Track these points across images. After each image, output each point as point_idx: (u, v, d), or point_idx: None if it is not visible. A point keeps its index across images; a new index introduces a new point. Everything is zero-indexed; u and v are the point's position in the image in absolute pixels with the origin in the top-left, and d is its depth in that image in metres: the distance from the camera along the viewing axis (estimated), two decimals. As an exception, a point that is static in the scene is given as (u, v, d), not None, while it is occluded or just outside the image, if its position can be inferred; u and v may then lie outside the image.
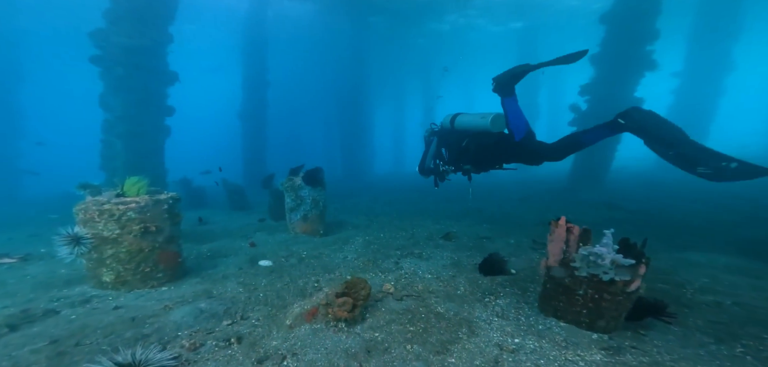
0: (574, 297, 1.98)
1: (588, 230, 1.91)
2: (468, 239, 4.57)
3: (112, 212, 2.71)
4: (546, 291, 2.23)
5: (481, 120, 3.82)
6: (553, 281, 2.12)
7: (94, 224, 2.72)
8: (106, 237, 2.77)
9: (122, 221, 2.76)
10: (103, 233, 2.75)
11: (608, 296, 1.83)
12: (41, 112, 42.19)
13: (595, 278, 1.84)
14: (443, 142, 4.45)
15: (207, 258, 4.17)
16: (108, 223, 2.73)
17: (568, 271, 1.99)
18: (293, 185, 5.34)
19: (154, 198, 2.96)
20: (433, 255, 3.87)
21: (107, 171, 8.38)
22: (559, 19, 19.00)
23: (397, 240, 4.72)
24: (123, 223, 2.77)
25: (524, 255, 3.71)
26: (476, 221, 5.94)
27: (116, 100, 7.68)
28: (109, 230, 2.75)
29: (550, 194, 8.92)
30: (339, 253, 4.23)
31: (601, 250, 1.77)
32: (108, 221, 2.73)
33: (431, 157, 4.56)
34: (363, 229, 5.68)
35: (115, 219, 2.73)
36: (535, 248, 3.94)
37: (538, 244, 4.02)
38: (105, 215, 2.71)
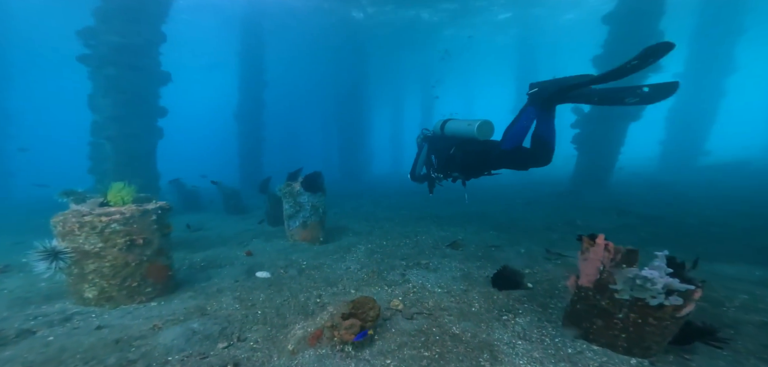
0: (612, 320, 1.79)
1: (634, 251, 1.72)
2: (476, 247, 4.38)
3: (94, 225, 2.48)
4: (575, 311, 2.04)
5: (468, 127, 3.75)
6: (586, 301, 1.93)
7: (74, 237, 2.48)
8: (87, 251, 2.53)
9: (105, 234, 2.53)
10: (84, 246, 2.51)
11: (654, 320, 1.65)
12: (30, 113, 41.46)
13: (640, 302, 1.66)
14: (433, 148, 4.37)
15: (200, 269, 3.94)
16: (89, 236, 2.49)
17: (607, 293, 1.80)
18: (291, 190, 5.12)
19: (141, 208, 2.73)
20: (441, 266, 3.67)
21: (96, 174, 8.09)
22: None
23: (402, 249, 4.52)
24: (106, 236, 2.54)
25: (538, 266, 3.53)
26: (482, 227, 5.76)
27: (105, 100, 7.40)
28: (90, 244, 2.52)
29: (555, 198, 8.78)
30: (341, 263, 4.02)
31: (652, 273, 1.59)
32: (89, 234, 2.49)
33: (422, 164, 4.53)
34: (365, 236, 5.47)
35: (97, 232, 2.50)
36: (550, 258, 3.76)
37: (552, 254, 3.84)
38: (86, 228, 2.48)
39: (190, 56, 24.30)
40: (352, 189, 14.46)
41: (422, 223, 6.31)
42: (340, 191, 12.92)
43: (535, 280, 3.11)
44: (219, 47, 22.42)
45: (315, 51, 22.42)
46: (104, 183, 7.86)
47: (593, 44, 10.23)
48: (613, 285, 1.74)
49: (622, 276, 1.69)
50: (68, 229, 2.46)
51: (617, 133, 9.28)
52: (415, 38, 20.51)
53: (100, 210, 2.66)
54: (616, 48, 9.07)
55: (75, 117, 18.92)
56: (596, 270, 1.81)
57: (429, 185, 4.48)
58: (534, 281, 3.09)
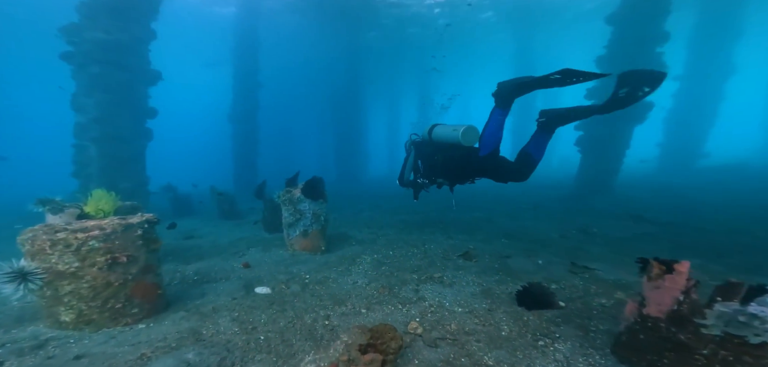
0: (692, 356, 1.55)
1: (739, 285, 1.48)
2: (490, 258, 4.14)
3: (69, 242, 2.16)
4: (635, 341, 1.80)
5: (453, 132, 3.78)
6: (654, 332, 1.69)
7: (46, 257, 2.16)
8: (62, 271, 2.22)
9: (82, 252, 2.22)
10: (58, 266, 2.20)
11: (750, 359, 1.43)
12: (10, 114, 40.25)
13: (736, 339, 1.43)
14: (420, 153, 4.38)
15: (193, 283, 3.62)
16: (64, 255, 2.18)
17: (688, 326, 1.56)
18: (291, 197, 4.82)
19: (124, 222, 2.42)
20: (457, 280, 3.42)
21: (80, 178, 7.66)
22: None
23: (411, 260, 4.26)
24: (83, 254, 2.22)
25: (564, 281, 3.29)
26: (491, 234, 5.54)
27: (90, 100, 7.01)
28: (65, 263, 2.20)
29: (560, 202, 8.63)
30: (346, 276, 3.74)
31: (763, 311, 1.35)
32: (63, 253, 2.18)
33: (410, 169, 4.54)
34: (369, 245, 5.20)
35: (72, 250, 2.18)
36: (576, 272, 3.53)
37: (577, 268, 3.60)
38: (59, 246, 2.16)
39: (183, 55, 23.81)
40: (350, 192, 14.16)
41: (427, 230, 6.06)
42: (337, 194, 12.57)
43: (566, 297, 2.88)
44: (212, 46, 21.98)
45: (310, 51, 22.17)
46: (88, 188, 7.48)
47: (595, 44, 10.12)
48: (701, 320, 1.50)
49: (715, 311, 1.46)
50: (38, 247, 2.14)
51: (622, 135, 9.18)
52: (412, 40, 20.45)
53: (76, 225, 2.35)
54: (620, 49, 8.98)
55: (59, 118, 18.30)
56: (672, 300, 1.58)
57: (414, 190, 4.51)
58: (564, 298, 2.86)
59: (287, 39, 20.11)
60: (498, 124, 3.40)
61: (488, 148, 3.45)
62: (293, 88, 27.82)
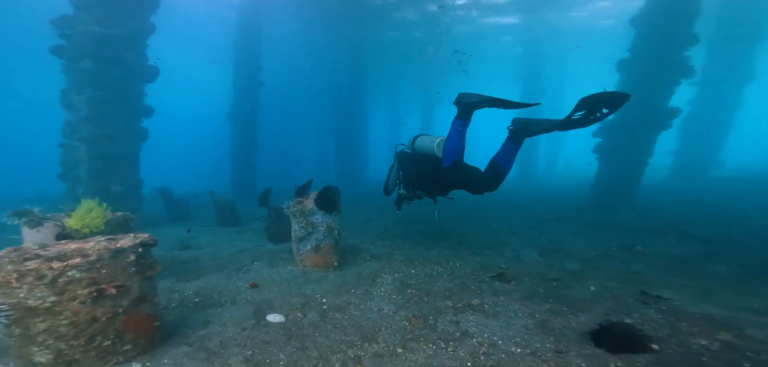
0: None
1: None
2: (530, 280, 3.73)
3: (41, 273, 1.74)
4: None
5: (430, 144, 3.89)
6: None
7: (12, 291, 1.74)
8: (33, 307, 1.79)
9: (59, 285, 1.80)
10: (28, 302, 1.77)
11: None
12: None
13: None
14: (401, 165, 4.47)
15: (195, 308, 3.19)
16: (35, 288, 1.76)
17: None
18: (303, 209, 4.41)
19: (113, 246, 2.00)
20: (500, 309, 3.01)
21: (68, 180, 7.22)
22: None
23: (438, 281, 3.85)
24: (61, 287, 1.80)
25: (637, 313, 2.86)
26: (521, 251, 5.13)
27: (80, 97, 6.59)
28: (37, 298, 1.78)
29: (582, 213, 8.26)
30: (369, 301, 3.33)
31: None
32: (34, 286, 1.75)
33: (393, 180, 4.62)
34: (386, 260, 4.78)
35: (46, 283, 1.76)
36: (647, 303, 3.09)
37: (650, 297, 3.18)
38: (29, 278, 1.74)
39: (179, 51, 23.43)
40: (353, 197, 13.73)
41: (446, 244, 5.66)
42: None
43: (654, 337, 2.44)
44: (213, 42, 21.63)
45: (310, 50, 21.89)
46: (75, 191, 7.03)
47: (622, 49, 9.81)
48: None
49: None
50: (2, 280, 1.72)
51: (645, 142, 8.85)
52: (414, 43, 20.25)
53: (52, 250, 1.92)
54: (645, 52, 8.69)
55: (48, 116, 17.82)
56: None
57: (396, 201, 4.57)
58: (651, 338, 2.42)
59: (287, 38, 19.84)
60: (459, 134, 3.50)
61: (450, 159, 3.58)
62: (292, 89, 27.47)
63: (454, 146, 3.53)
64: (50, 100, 23.75)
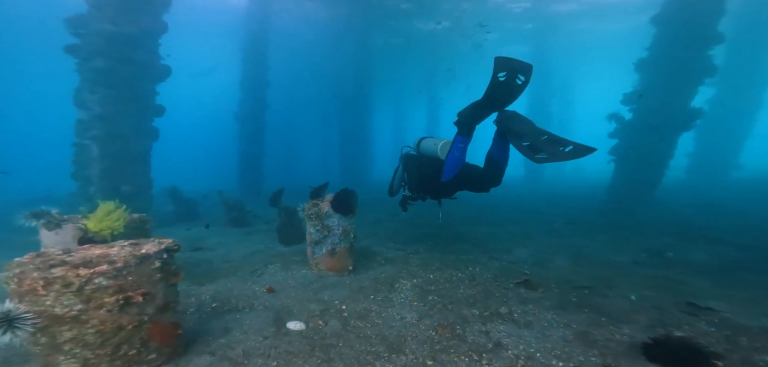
0: None
1: None
2: (558, 288, 3.62)
3: (68, 281, 1.70)
4: None
5: (434, 146, 3.95)
6: None
7: (38, 299, 1.70)
8: (60, 316, 1.75)
9: (86, 293, 1.76)
10: (55, 310, 1.73)
11: None
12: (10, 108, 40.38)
13: None
14: (406, 167, 4.55)
15: (213, 314, 3.14)
16: (61, 296, 1.72)
17: None
18: (318, 212, 4.35)
19: (139, 253, 1.96)
20: (532, 318, 2.91)
21: (80, 180, 7.26)
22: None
23: (460, 287, 3.76)
24: (88, 295, 1.76)
25: (686, 325, 2.73)
26: (542, 255, 5.01)
27: (93, 96, 6.63)
28: (64, 306, 1.74)
29: (601, 217, 8.08)
30: (390, 308, 3.25)
31: None
32: (61, 294, 1.71)
33: (399, 182, 4.71)
34: (401, 264, 4.71)
35: (73, 291, 1.72)
36: (696, 314, 2.95)
37: (699, 309, 3.01)
38: (56, 286, 1.70)
39: (188, 50, 23.60)
40: (360, 197, 13.65)
41: (462, 247, 5.57)
42: None
43: (715, 353, 2.30)
44: (220, 43, 21.75)
45: (317, 51, 21.89)
46: (87, 191, 7.07)
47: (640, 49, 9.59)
48: None
49: None
50: (28, 288, 1.68)
51: (666, 144, 8.64)
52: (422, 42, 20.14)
53: (77, 256, 1.88)
54: (666, 51, 8.48)
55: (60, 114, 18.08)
56: None
57: (401, 202, 4.60)
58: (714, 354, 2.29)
59: (293, 36, 19.86)
60: (460, 152, 3.57)
61: (449, 175, 3.63)
62: (297, 88, 27.51)
63: (454, 163, 3.58)
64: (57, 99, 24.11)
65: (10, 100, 39.75)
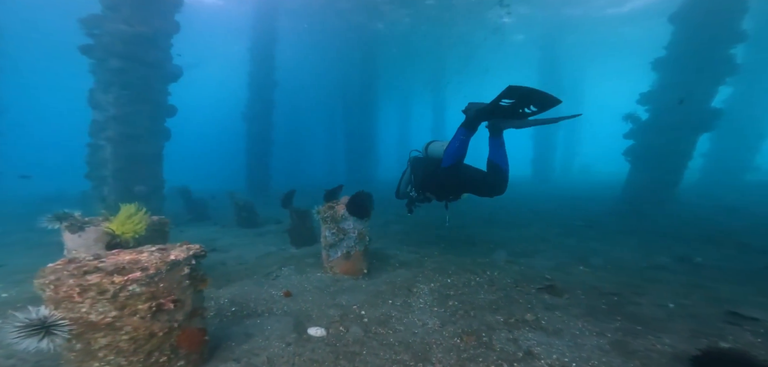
0: None
1: None
2: (584, 294, 3.56)
3: (103, 288, 1.71)
4: None
5: (441, 148, 4.08)
6: None
7: (75, 306, 1.72)
8: (95, 322, 1.77)
9: (120, 299, 1.77)
10: (90, 316, 1.75)
11: None
12: (24, 107, 41.22)
13: None
14: (414, 170, 4.68)
15: (233, 318, 3.16)
16: (97, 303, 1.73)
17: None
18: (334, 215, 4.35)
19: (170, 259, 1.97)
20: (561, 325, 2.86)
21: (94, 180, 7.38)
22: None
23: (479, 291, 3.73)
24: (122, 302, 1.78)
25: (730, 336, 2.66)
26: (562, 259, 4.95)
27: (108, 97, 6.72)
28: (99, 313, 1.75)
29: (617, 219, 7.95)
30: (409, 313, 3.24)
31: None
32: (97, 301, 1.73)
33: (406, 183, 4.83)
34: (416, 268, 4.69)
35: (108, 297, 1.73)
36: (740, 324, 2.85)
37: (743, 319, 2.90)
38: (91, 293, 1.71)
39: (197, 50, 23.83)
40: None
41: (476, 250, 5.53)
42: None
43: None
44: (227, 41, 21.90)
45: (324, 50, 21.93)
46: (101, 191, 7.18)
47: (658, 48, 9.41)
48: None
49: None
50: (64, 294, 1.69)
51: (684, 144, 8.48)
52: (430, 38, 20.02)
53: (109, 261, 1.90)
54: (685, 50, 8.31)
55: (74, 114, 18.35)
56: None
57: (408, 204, 4.70)
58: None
59: (300, 37, 19.92)
60: (461, 143, 3.65)
61: (448, 162, 3.74)
62: (302, 87, 27.61)
63: (456, 151, 3.68)
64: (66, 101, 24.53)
65: (14, 99, 40.61)
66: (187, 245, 2.22)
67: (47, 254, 5.70)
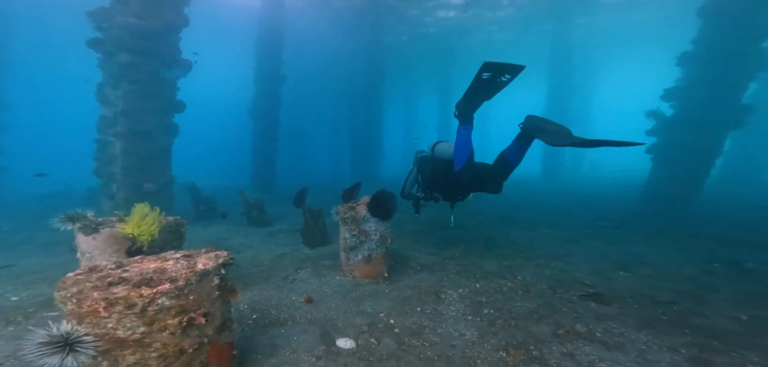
0: None
1: None
2: (636, 302, 3.33)
3: (131, 302, 1.56)
4: None
5: (448, 148, 4.20)
6: None
7: (101, 321, 1.57)
8: (123, 339, 1.62)
9: (149, 314, 1.61)
10: (117, 332, 1.60)
11: None
12: (29, 103, 41.56)
13: None
14: (421, 169, 4.74)
15: (256, 328, 3.01)
16: (124, 318, 1.57)
17: None
18: (355, 216, 4.18)
19: (199, 269, 1.81)
20: (622, 339, 2.65)
21: (103, 177, 7.28)
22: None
23: (514, 299, 3.54)
24: (151, 316, 1.62)
25: None
26: (599, 264, 4.71)
27: (116, 92, 6.60)
28: (127, 329, 1.60)
29: (644, 219, 7.68)
30: (442, 322, 3.06)
31: None
32: (124, 316, 1.57)
33: (412, 183, 4.90)
34: (439, 271, 4.52)
35: (136, 312, 1.58)
36: None
37: None
38: (118, 307, 1.56)
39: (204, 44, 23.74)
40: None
41: (501, 252, 5.34)
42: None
43: None
44: (233, 36, 21.77)
45: (329, 44, 21.72)
46: (109, 188, 7.08)
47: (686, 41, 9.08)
48: None
49: None
50: (89, 308, 1.54)
51: (712, 142, 8.18)
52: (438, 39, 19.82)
53: (133, 271, 1.74)
54: (714, 44, 8.00)
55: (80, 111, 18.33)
56: None
57: (414, 204, 4.74)
58: None
59: (304, 32, 19.74)
60: (464, 139, 3.79)
61: (460, 163, 3.83)
62: (307, 83, 27.44)
63: (462, 151, 3.82)
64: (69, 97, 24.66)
65: (18, 96, 40.93)
66: (214, 252, 2.06)
67: (56, 254, 5.61)
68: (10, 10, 15.94)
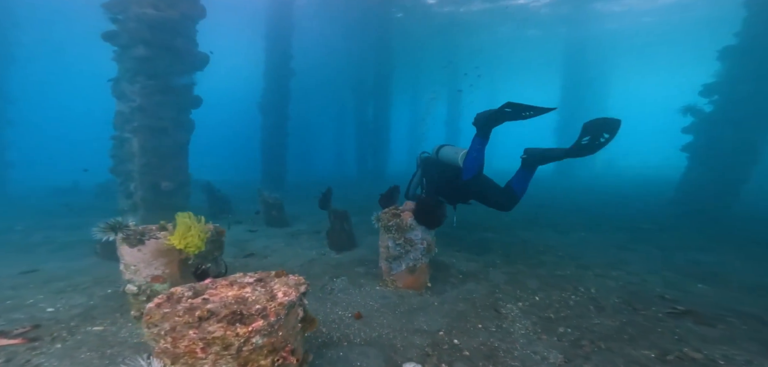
0: None
1: None
2: (741, 322, 3.06)
3: (228, 342, 1.34)
4: None
5: (454, 154, 4.30)
6: None
7: (197, 362, 1.35)
8: (207, 384, 1.40)
9: (244, 354, 1.40)
10: (205, 377, 1.38)
11: None
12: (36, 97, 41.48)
13: None
14: (425, 171, 4.88)
15: (309, 347, 2.80)
16: (220, 359, 1.36)
17: None
18: (400, 224, 3.95)
19: (284, 300, 1.59)
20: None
21: (120, 175, 7.08)
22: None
23: (586, 314, 3.31)
24: (245, 357, 1.41)
25: None
26: (664, 274, 4.45)
27: (133, 87, 6.38)
28: (217, 374, 1.38)
29: (683, 220, 7.42)
30: (516, 344, 2.84)
31: None
32: (220, 357, 1.36)
33: (416, 185, 5.04)
34: (483, 280, 4.30)
35: (233, 353, 1.36)
36: None
37: None
38: (216, 347, 1.34)
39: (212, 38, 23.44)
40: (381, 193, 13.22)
41: (545, 259, 5.11)
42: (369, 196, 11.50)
43: None
44: (241, 29, 21.45)
45: (333, 40, 21.36)
46: (127, 186, 6.89)
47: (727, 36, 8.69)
48: None
49: None
50: (186, 349, 1.33)
51: (752, 141, 7.87)
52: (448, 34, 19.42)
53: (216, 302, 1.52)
54: (758, 38, 7.64)
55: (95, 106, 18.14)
56: None
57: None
58: None
59: (309, 23, 19.39)
60: (478, 152, 3.92)
61: (470, 173, 3.98)
62: (314, 78, 27.10)
63: (473, 162, 3.93)
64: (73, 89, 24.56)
65: (24, 89, 40.88)
66: (294, 278, 1.84)
67: (78, 258, 5.45)
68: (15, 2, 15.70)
